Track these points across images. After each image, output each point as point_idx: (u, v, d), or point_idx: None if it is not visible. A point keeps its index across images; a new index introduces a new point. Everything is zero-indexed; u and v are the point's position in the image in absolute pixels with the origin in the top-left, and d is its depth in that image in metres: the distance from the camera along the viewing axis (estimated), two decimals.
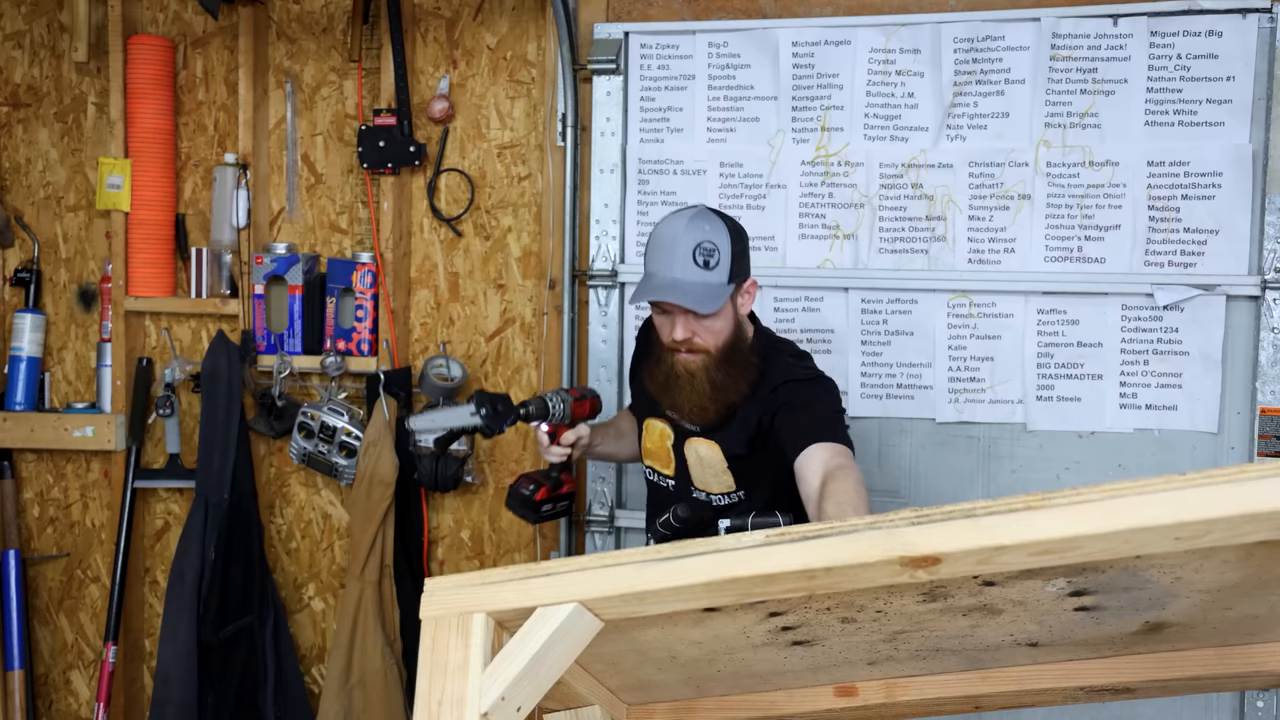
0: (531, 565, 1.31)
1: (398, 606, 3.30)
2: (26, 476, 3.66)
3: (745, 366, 2.33)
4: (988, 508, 1.11)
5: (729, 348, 2.30)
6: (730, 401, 2.31)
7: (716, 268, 2.23)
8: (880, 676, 1.55)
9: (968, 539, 1.11)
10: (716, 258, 2.22)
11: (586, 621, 1.28)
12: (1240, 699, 2.86)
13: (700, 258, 2.21)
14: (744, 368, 2.32)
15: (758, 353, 2.38)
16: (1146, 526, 1.06)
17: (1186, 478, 1.05)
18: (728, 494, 2.41)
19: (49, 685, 3.69)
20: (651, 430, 2.51)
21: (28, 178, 3.63)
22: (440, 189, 3.36)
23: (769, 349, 2.41)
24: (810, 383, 2.35)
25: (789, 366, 2.39)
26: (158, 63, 3.43)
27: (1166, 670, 1.48)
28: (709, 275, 2.22)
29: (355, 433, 3.30)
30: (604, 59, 3.12)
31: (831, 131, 3.04)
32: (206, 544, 3.32)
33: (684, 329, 2.26)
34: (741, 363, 2.32)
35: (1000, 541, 1.10)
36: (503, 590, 1.29)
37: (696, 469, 2.42)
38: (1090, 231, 2.89)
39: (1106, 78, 2.86)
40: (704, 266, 2.22)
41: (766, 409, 2.31)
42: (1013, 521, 1.10)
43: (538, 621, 1.26)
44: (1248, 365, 2.82)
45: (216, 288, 3.46)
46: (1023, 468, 2.95)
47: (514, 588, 1.29)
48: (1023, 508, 1.10)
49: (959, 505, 1.13)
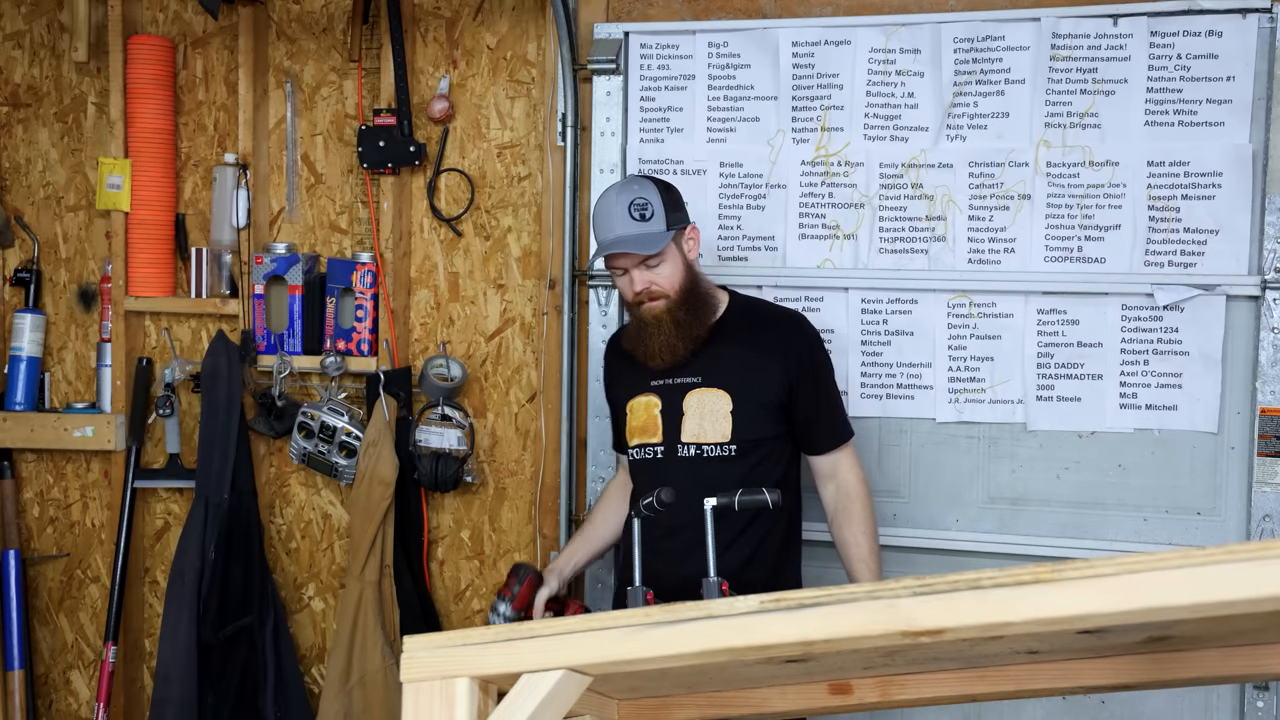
0: (514, 626, 1.28)
1: (398, 606, 3.29)
2: (26, 476, 3.66)
3: (706, 305, 2.61)
4: (994, 579, 1.07)
5: (686, 291, 2.56)
6: (696, 335, 2.56)
7: (652, 218, 2.53)
8: (876, 675, 1.54)
9: (973, 614, 1.07)
10: (650, 210, 2.53)
11: (575, 681, 1.26)
12: (1240, 700, 2.85)
13: (635, 212, 2.52)
14: (705, 305, 2.60)
15: (721, 290, 2.69)
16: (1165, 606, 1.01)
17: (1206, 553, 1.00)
18: (720, 444, 2.55)
19: (49, 685, 3.69)
20: (637, 408, 2.65)
21: (28, 178, 3.63)
22: (440, 189, 3.36)
23: (734, 293, 2.71)
24: (814, 335, 2.67)
25: (781, 309, 2.76)
26: (158, 63, 3.43)
27: (1167, 671, 1.47)
28: (647, 225, 2.52)
29: (355, 433, 3.30)
30: (604, 59, 3.12)
31: (831, 131, 3.04)
32: (206, 544, 3.31)
33: (640, 280, 2.54)
34: (700, 302, 2.59)
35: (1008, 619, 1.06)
36: (486, 653, 1.26)
37: (693, 421, 2.57)
38: (1090, 231, 2.89)
39: (1106, 78, 2.86)
40: (640, 219, 2.52)
41: (789, 348, 2.59)
42: (1021, 596, 1.06)
43: (525, 689, 1.23)
44: (1248, 365, 2.81)
45: (216, 288, 3.46)
46: (1023, 468, 2.94)
47: (498, 651, 1.26)
48: (1031, 580, 1.05)
49: (964, 575, 1.09)
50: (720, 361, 2.58)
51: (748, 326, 2.63)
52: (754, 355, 2.58)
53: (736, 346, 2.60)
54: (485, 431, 3.35)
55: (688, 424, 2.57)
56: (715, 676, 1.49)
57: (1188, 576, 1.00)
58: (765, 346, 2.59)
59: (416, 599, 3.33)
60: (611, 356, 2.80)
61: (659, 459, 2.60)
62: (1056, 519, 2.92)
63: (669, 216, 2.55)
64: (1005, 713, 3.01)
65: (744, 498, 2.23)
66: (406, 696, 1.29)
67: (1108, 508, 2.90)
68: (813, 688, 1.57)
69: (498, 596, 2.77)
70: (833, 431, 2.64)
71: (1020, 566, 1.07)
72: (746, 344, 2.60)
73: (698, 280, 2.61)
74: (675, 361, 2.57)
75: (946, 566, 2.97)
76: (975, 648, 1.36)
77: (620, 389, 2.73)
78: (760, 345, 2.59)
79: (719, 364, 2.58)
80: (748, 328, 2.62)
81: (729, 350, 2.59)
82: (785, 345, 2.60)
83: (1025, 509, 2.95)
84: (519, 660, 1.25)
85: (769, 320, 2.66)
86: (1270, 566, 0.97)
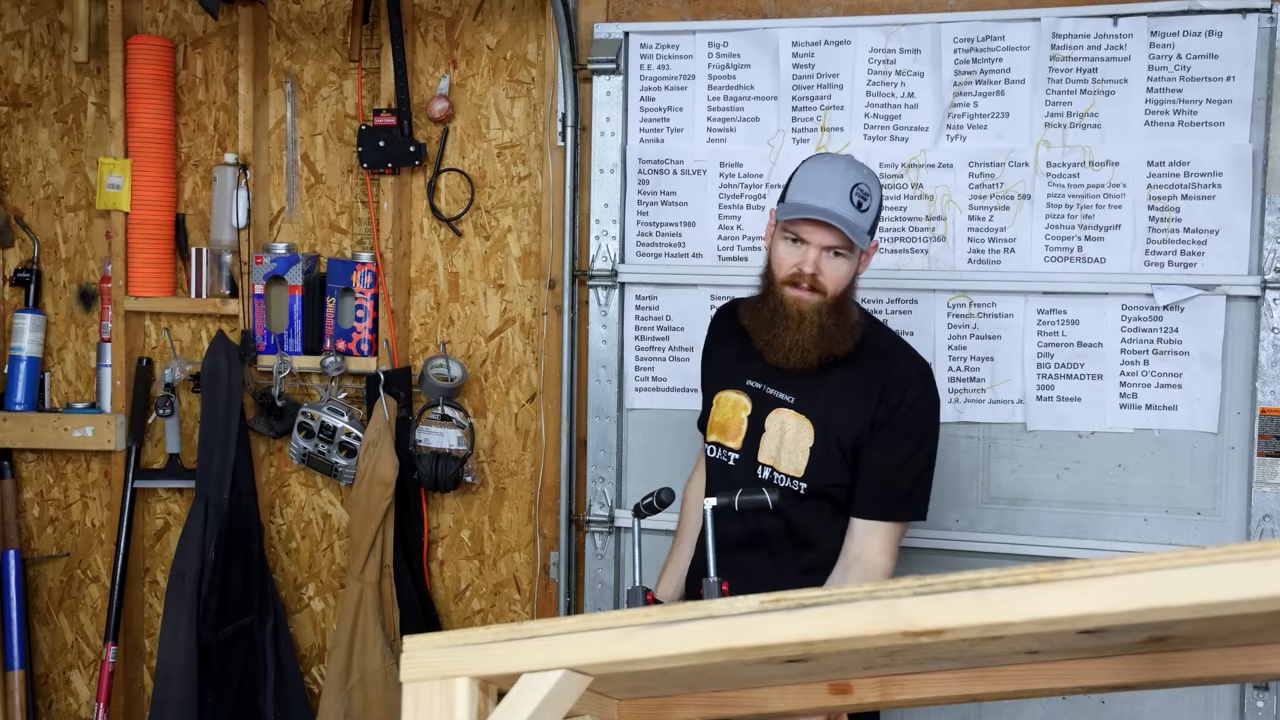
0: (514, 626, 1.28)
1: (398, 606, 3.29)
2: (26, 476, 3.67)
3: (851, 323, 2.32)
4: (994, 579, 1.07)
5: (843, 298, 2.30)
6: (832, 352, 2.29)
7: (866, 212, 2.27)
8: (876, 675, 1.54)
9: (973, 614, 1.08)
10: (869, 203, 2.27)
11: (575, 681, 1.26)
12: (1240, 699, 2.85)
13: (856, 198, 2.24)
14: (850, 324, 2.32)
15: (862, 315, 2.39)
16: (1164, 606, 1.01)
17: (1206, 553, 1.00)
18: (792, 477, 2.32)
19: (49, 685, 3.69)
20: (723, 403, 2.42)
21: (28, 178, 3.63)
22: (440, 189, 3.36)
23: (870, 318, 2.43)
24: (928, 392, 2.35)
25: (906, 346, 2.42)
26: (158, 63, 3.43)
27: (1168, 671, 1.47)
28: (860, 217, 2.25)
29: (355, 433, 3.30)
30: (604, 59, 3.12)
31: (831, 131, 3.04)
32: (206, 544, 3.31)
33: (814, 262, 2.26)
34: (848, 317, 2.32)
35: (1008, 618, 1.07)
36: (486, 653, 1.26)
37: (772, 442, 2.34)
38: (1090, 231, 2.89)
39: (1106, 78, 2.86)
40: (857, 207, 2.25)
41: (888, 385, 2.30)
42: (1021, 596, 1.06)
43: (525, 689, 1.23)
44: (1248, 365, 2.81)
45: (216, 288, 3.47)
46: (1023, 468, 2.94)
47: (498, 650, 1.26)
48: (1032, 580, 1.06)
49: (964, 575, 1.09)
50: (819, 386, 2.32)
51: (859, 355, 2.33)
52: (851, 393, 2.31)
53: (839, 374, 2.33)
54: (485, 431, 3.35)
55: (767, 442, 2.34)
56: (715, 676, 1.49)
57: (1188, 576, 1.00)
58: (866, 383, 2.31)
59: (416, 599, 3.33)
60: (721, 324, 2.55)
61: (732, 466, 2.39)
62: (1056, 519, 2.92)
63: (874, 223, 2.31)
64: (1005, 712, 3.01)
65: (744, 498, 2.12)
66: (406, 696, 1.29)
67: (1108, 508, 2.90)
68: (813, 688, 1.57)
69: None
70: (882, 499, 2.30)
71: (1020, 566, 1.08)
72: (848, 374, 2.32)
73: (850, 294, 2.34)
74: (800, 367, 2.30)
75: (946, 566, 2.97)
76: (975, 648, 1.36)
77: (715, 370, 2.49)
78: (861, 381, 2.32)
79: (818, 388, 2.32)
80: (858, 357, 2.33)
81: (832, 376, 2.32)
82: (885, 389, 2.30)
83: (1025, 509, 2.95)
84: (519, 660, 1.25)
85: (883, 356, 2.36)
86: (1270, 566, 0.97)
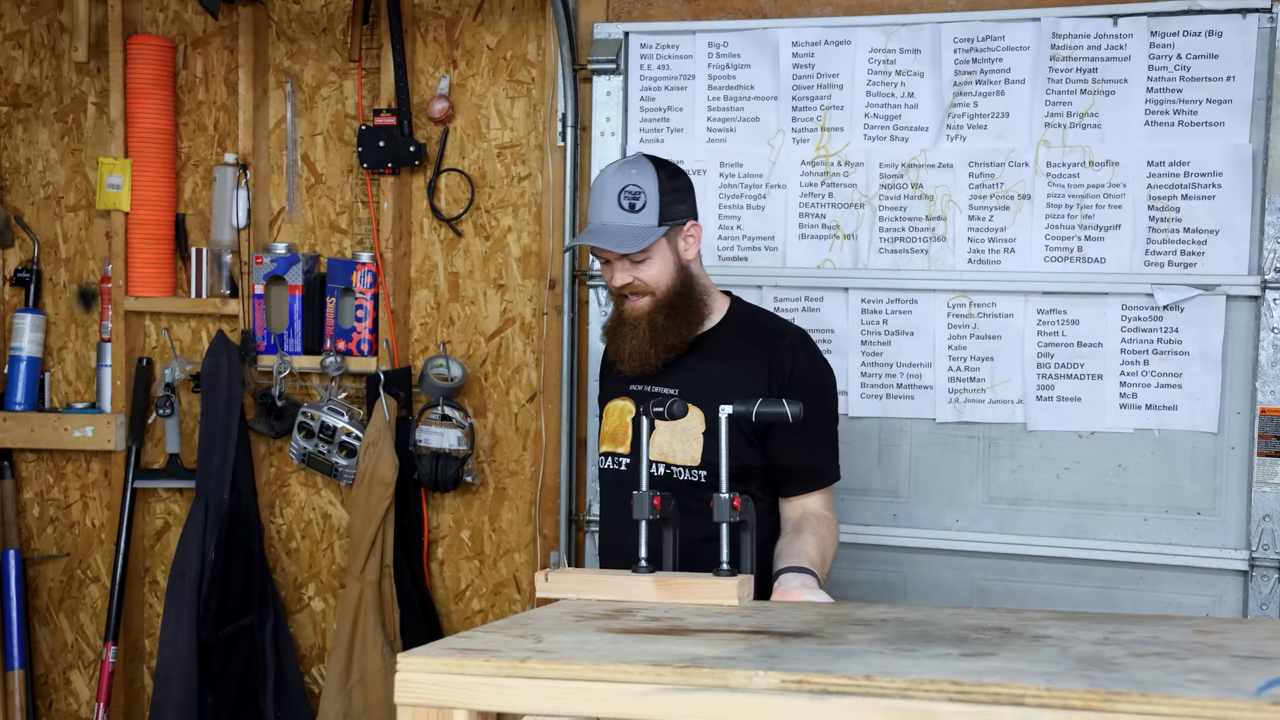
0: (515, 663, 1.26)
1: (398, 606, 3.29)
2: (26, 476, 3.66)
3: (693, 307, 2.34)
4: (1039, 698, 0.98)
5: (674, 293, 2.31)
6: (671, 344, 2.31)
7: (643, 210, 2.26)
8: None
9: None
10: (642, 200, 2.26)
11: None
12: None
13: (625, 201, 2.26)
14: (691, 308, 2.34)
15: (725, 298, 2.41)
16: None
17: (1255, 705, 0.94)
18: (690, 468, 2.29)
19: (49, 685, 3.69)
20: (611, 412, 2.43)
21: (28, 178, 3.62)
22: (440, 189, 3.35)
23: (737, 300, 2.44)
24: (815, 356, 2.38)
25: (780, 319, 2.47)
26: (158, 63, 3.43)
27: None
28: (634, 218, 2.26)
29: (355, 433, 3.30)
30: (604, 59, 3.12)
31: (831, 131, 3.04)
32: (206, 544, 3.31)
33: (621, 274, 2.30)
34: (689, 308, 2.33)
35: None
36: (485, 687, 1.26)
37: (663, 438, 2.31)
38: (1090, 231, 2.89)
39: (1106, 78, 2.86)
40: (629, 210, 2.26)
41: (774, 359, 2.31)
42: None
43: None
44: (1248, 365, 2.81)
45: (216, 288, 3.46)
46: (1023, 468, 2.94)
47: (498, 687, 1.25)
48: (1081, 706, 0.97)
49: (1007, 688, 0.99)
50: (700, 375, 2.31)
51: (737, 337, 2.36)
52: (738, 372, 2.30)
53: (720, 360, 2.33)
54: (485, 431, 3.35)
55: (657, 440, 2.30)
56: None
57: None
58: (751, 362, 2.32)
59: (417, 599, 3.33)
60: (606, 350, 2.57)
61: (624, 471, 2.35)
62: (1056, 519, 2.92)
63: (664, 210, 2.28)
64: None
65: (763, 408, 1.99)
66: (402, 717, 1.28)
67: (1108, 508, 2.90)
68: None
69: None
70: (810, 476, 2.33)
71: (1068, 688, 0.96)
72: (731, 357, 2.33)
73: (692, 283, 2.35)
74: (644, 370, 2.33)
75: (946, 566, 2.98)
76: None
77: (605, 387, 2.52)
78: (746, 360, 2.32)
79: (699, 377, 2.30)
80: (737, 339, 2.36)
81: (713, 363, 2.33)
82: (772, 363, 2.31)
83: (1025, 509, 2.95)
84: (519, 701, 1.23)
85: (762, 333, 2.38)
86: None
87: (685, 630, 1.54)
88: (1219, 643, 1.43)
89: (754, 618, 1.68)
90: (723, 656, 1.31)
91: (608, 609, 1.76)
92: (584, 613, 1.73)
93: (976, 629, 1.53)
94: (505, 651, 1.36)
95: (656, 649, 1.39)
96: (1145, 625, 1.58)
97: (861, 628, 1.57)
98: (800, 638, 1.48)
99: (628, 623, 1.63)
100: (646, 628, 1.57)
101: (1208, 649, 1.38)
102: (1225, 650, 1.38)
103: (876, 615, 1.69)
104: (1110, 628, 1.54)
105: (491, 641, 1.45)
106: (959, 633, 1.50)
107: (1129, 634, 1.50)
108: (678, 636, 1.49)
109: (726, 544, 1.94)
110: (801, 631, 1.52)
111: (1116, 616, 1.65)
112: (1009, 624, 1.58)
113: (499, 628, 1.60)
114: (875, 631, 1.52)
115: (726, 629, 1.55)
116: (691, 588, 1.86)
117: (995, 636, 1.47)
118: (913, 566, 3.00)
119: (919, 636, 1.47)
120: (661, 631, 1.54)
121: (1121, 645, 1.41)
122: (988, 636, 1.47)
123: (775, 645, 1.43)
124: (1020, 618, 1.66)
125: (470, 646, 1.39)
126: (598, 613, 1.73)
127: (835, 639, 1.48)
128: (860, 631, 1.53)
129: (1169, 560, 2.85)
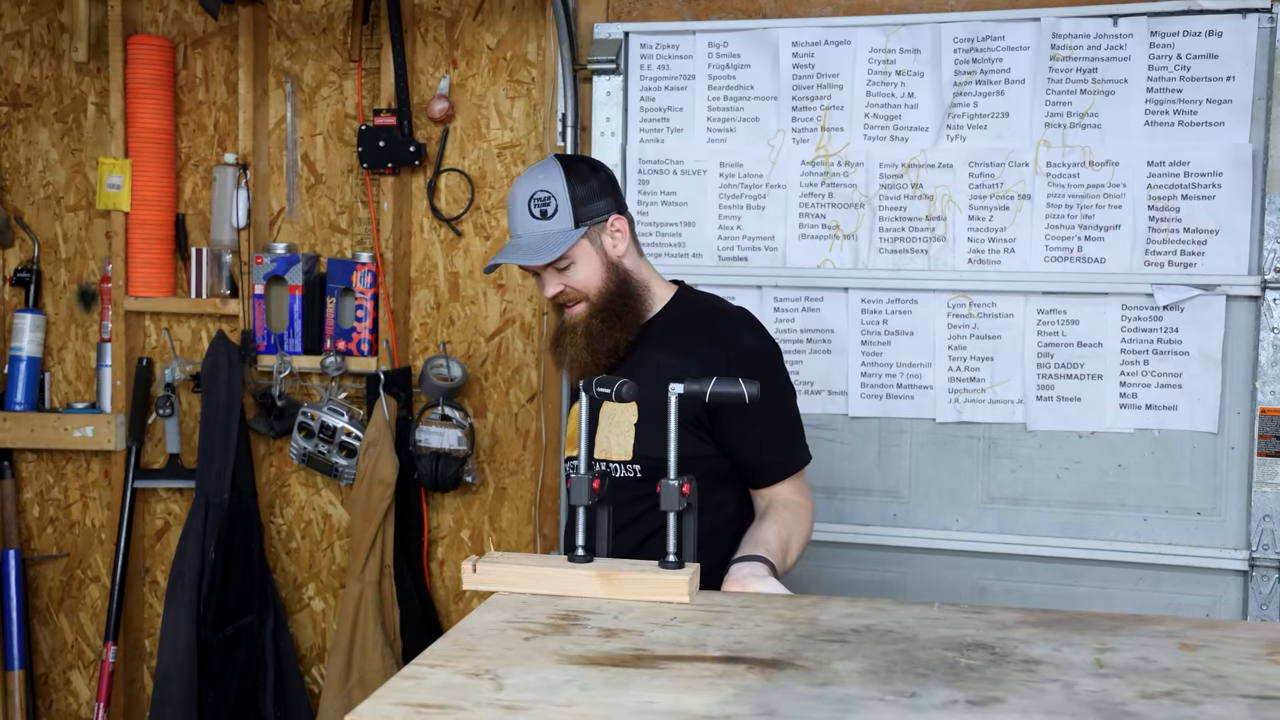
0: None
1: (398, 606, 3.29)
2: (26, 476, 3.66)
3: (630, 308, 2.23)
4: None
5: (608, 294, 2.21)
6: (608, 348, 2.20)
7: (556, 215, 2.17)
8: None
9: None
10: (553, 205, 2.17)
11: None
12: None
13: (535, 209, 2.18)
14: (628, 310, 2.22)
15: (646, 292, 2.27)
16: None
17: None
18: (623, 463, 2.18)
19: (49, 685, 3.69)
20: (572, 418, 2.33)
21: (28, 178, 3.63)
22: (440, 189, 3.36)
23: (682, 287, 2.33)
24: (761, 334, 2.26)
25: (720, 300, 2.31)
26: (158, 63, 3.43)
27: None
28: (547, 225, 2.17)
29: (355, 433, 3.30)
30: (604, 59, 3.12)
31: (831, 131, 3.04)
32: (206, 544, 3.31)
33: (550, 284, 2.21)
34: (625, 307, 2.22)
35: None
36: None
37: (603, 434, 2.20)
38: (1090, 231, 2.89)
39: (1106, 78, 2.86)
40: (541, 217, 2.17)
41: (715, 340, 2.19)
42: None
43: None
44: (1248, 365, 2.81)
45: (216, 288, 3.47)
46: (1023, 468, 2.94)
47: None
48: None
49: None
50: (639, 366, 2.18)
51: (676, 325, 2.24)
52: (673, 359, 2.16)
53: (657, 348, 2.21)
54: (485, 431, 3.35)
55: (599, 438, 2.20)
56: None
57: None
58: (688, 348, 2.18)
59: (417, 599, 3.33)
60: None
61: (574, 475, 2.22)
62: (1056, 519, 2.92)
63: (580, 211, 2.17)
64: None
65: (718, 388, 1.86)
66: None
67: (1108, 508, 2.90)
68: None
69: None
70: (777, 466, 2.19)
71: None
72: (667, 345, 2.21)
73: (627, 279, 2.23)
74: (585, 377, 2.11)
75: (947, 566, 2.98)
76: None
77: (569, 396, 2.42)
78: (682, 346, 2.19)
79: (636, 369, 2.15)
80: (676, 326, 2.24)
81: (649, 353, 2.21)
82: (711, 348, 2.17)
83: (1025, 509, 2.95)
84: None
85: (702, 318, 2.25)
86: None
87: (651, 658, 1.48)
88: (1218, 670, 1.42)
89: (716, 630, 1.60)
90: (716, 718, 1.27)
91: (553, 615, 1.66)
92: (529, 623, 1.62)
93: (960, 648, 1.51)
94: (467, 707, 1.29)
95: (633, 699, 1.33)
96: (1126, 637, 1.56)
97: (838, 646, 1.52)
98: (781, 669, 1.43)
99: (582, 641, 1.54)
100: (608, 654, 1.49)
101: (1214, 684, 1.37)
102: (1231, 686, 1.37)
103: (845, 624, 1.63)
104: (1094, 643, 1.52)
105: (443, 682, 1.37)
106: (945, 657, 1.47)
107: (1118, 654, 1.48)
108: (647, 670, 1.43)
109: (674, 534, 1.80)
110: (779, 659, 1.47)
111: (1090, 621, 1.63)
112: (988, 639, 1.55)
113: (444, 657, 1.48)
114: (858, 658, 1.48)
115: (695, 654, 1.49)
116: (639, 584, 1.75)
117: (985, 663, 1.45)
118: (913, 566, 3.00)
119: (907, 665, 1.44)
120: (625, 660, 1.46)
121: (1121, 676, 1.40)
122: (977, 663, 1.45)
123: (761, 685, 1.38)
124: (994, 626, 1.61)
125: (424, 701, 1.31)
126: (544, 623, 1.62)
127: (819, 669, 1.43)
128: (841, 657, 1.48)
129: (1169, 560, 2.85)
